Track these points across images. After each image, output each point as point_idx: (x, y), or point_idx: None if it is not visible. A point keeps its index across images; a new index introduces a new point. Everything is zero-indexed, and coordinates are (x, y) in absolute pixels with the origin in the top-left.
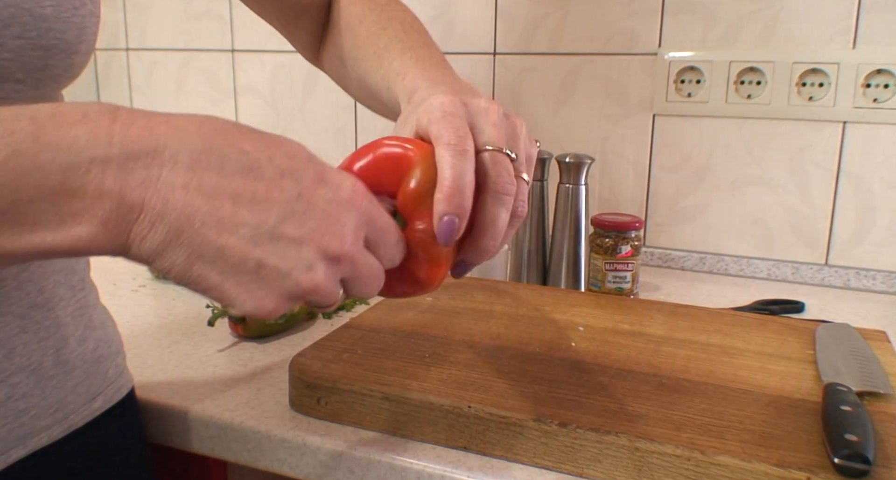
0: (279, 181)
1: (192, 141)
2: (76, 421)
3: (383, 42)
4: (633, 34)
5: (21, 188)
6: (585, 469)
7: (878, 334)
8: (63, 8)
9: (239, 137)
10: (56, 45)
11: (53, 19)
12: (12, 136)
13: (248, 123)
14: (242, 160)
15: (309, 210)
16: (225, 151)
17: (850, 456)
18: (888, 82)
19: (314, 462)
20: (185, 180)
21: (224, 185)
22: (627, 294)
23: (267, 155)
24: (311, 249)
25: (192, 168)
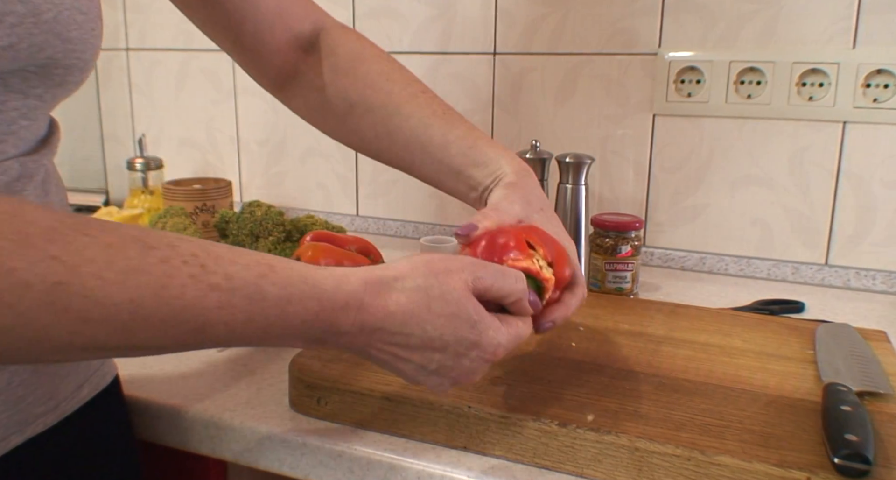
0: (443, 349)
1: (397, 322)
2: (67, 409)
3: (439, 107)
4: (633, 34)
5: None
6: (585, 469)
7: (878, 334)
8: (83, 30)
9: (427, 317)
10: (75, 63)
11: (77, 41)
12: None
13: (248, 123)
14: (423, 337)
15: (456, 366)
16: (412, 330)
17: (850, 456)
18: (888, 82)
19: (314, 462)
20: (386, 344)
21: (404, 351)
22: (627, 294)
23: (440, 333)
24: (449, 382)
25: (393, 338)
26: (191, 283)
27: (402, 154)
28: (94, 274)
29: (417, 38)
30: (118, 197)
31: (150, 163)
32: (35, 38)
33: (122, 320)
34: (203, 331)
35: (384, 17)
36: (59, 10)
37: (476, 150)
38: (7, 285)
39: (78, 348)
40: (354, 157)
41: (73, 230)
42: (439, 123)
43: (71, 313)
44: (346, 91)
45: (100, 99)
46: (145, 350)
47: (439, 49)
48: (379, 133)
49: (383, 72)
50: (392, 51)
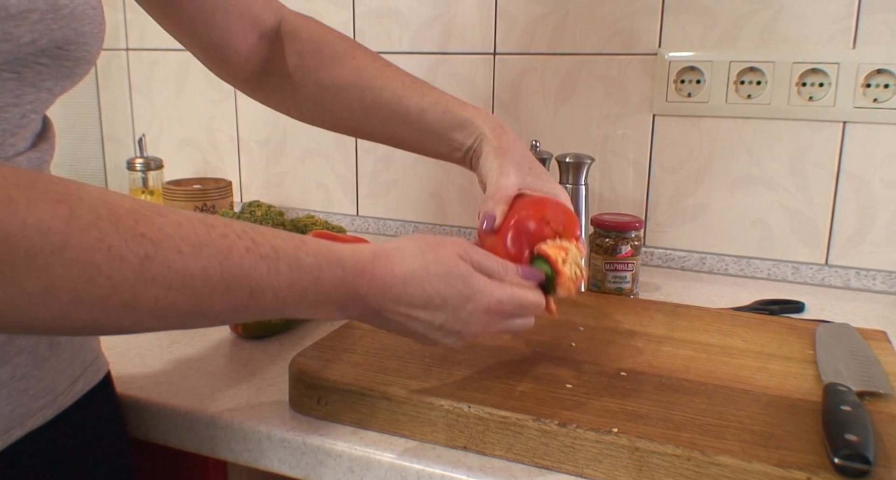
0: (443, 306)
1: (401, 284)
2: (64, 403)
3: (406, 77)
4: (633, 34)
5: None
6: (585, 469)
7: (878, 334)
8: (94, 24)
9: (425, 277)
10: (84, 56)
11: (88, 35)
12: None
13: (248, 123)
14: (423, 295)
15: (457, 319)
16: (415, 291)
17: (850, 456)
18: (888, 82)
19: (314, 462)
20: (395, 304)
21: (412, 310)
22: (627, 294)
23: (437, 289)
24: (457, 336)
25: (400, 299)
26: (246, 253)
27: (381, 127)
28: (174, 248)
29: (417, 38)
30: None
31: (150, 163)
32: (55, 34)
33: (194, 286)
34: (255, 296)
35: (384, 17)
36: (74, 5)
37: (450, 114)
38: (106, 259)
39: (158, 316)
40: (354, 157)
41: (151, 212)
42: (411, 92)
43: (157, 281)
44: (315, 73)
45: (100, 99)
46: (207, 316)
47: (439, 49)
48: (355, 111)
49: (347, 51)
50: (392, 51)
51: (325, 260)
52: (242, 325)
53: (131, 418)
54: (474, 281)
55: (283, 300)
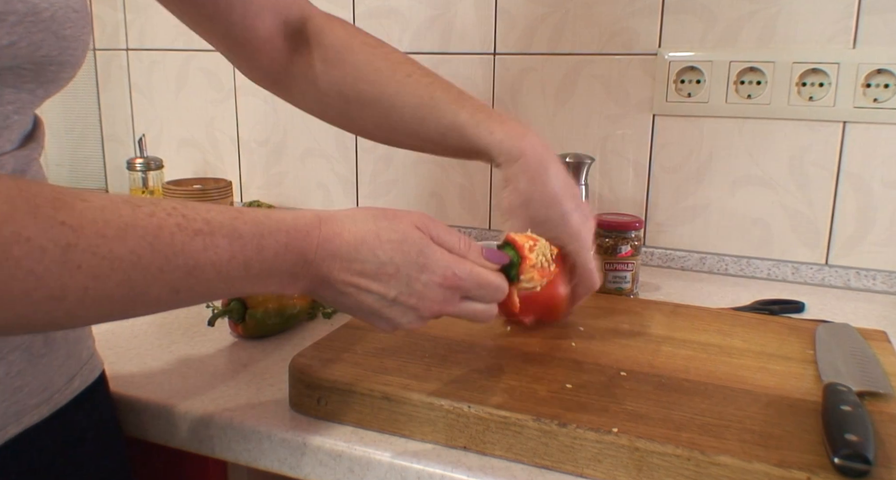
0: (395, 275)
1: (351, 248)
2: (60, 400)
3: (426, 91)
4: (633, 34)
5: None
6: (585, 469)
7: (878, 334)
8: (77, 28)
9: (377, 243)
10: (69, 60)
11: (71, 39)
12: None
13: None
14: (375, 262)
15: (412, 291)
16: (366, 256)
17: (850, 456)
18: (888, 82)
19: (314, 462)
20: (346, 272)
21: (363, 279)
22: (627, 294)
23: (390, 256)
24: (413, 312)
25: (350, 266)
26: (178, 231)
27: (410, 142)
28: (98, 233)
29: (417, 38)
30: None
31: (150, 163)
32: (34, 37)
33: (125, 271)
34: (194, 274)
35: (384, 17)
36: (55, 9)
37: (466, 140)
38: (26, 253)
39: (90, 306)
40: (354, 157)
41: (72, 198)
42: (430, 114)
43: (83, 270)
44: (339, 84)
45: (100, 99)
46: (146, 302)
47: (439, 49)
48: (380, 125)
49: (370, 62)
50: None
51: (266, 227)
52: (242, 325)
53: (131, 418)
54: (430, 251)
55: (227, 275)
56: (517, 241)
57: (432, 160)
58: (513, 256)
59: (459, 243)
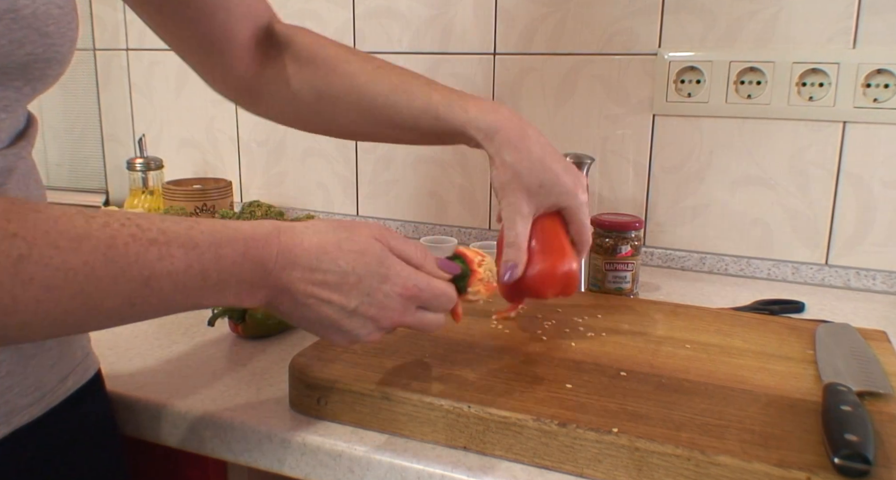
0: (357, 285)
1: (312, 257)
2: (52, 400)
3: (397, 78)
4: (633, 34)
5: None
6: (585, 469)
7: (878, 334)
8: (60, 24)
9: (338, 254)
10: (54, 57)
11: (55, 35)
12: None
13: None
14: (337, 272)
15: (373, 302)
16: (328, 266)
17: (850, 456)
18: (888, 82)
19: (314, 462)
20: (307, 282)
21: (324, 290)
22: (627, 294)
23: (352, 267)
24: (372, 323)
25: (312, 276)
26: (132, 241)
27: (384, 131)
28: (51, 244)
29: (417, 38)
30: (118, 197)
31: (150, 163)
32: (15, 34)
33: (78, 282)
34: (149, 285)
35: (384, 17)
36: (36, 6)
37: (441, 121)
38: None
39: (43, 318)
40: (354, 157)
41: (25, 209)
42: (402, 98)
43: (35, 281)
44: (311, 80)
45: (100, 99)
46: (102, 314)
47: (439, 49)
48: (354, 118)
49: (340, 55)
50: (392, 51)
51: (223, 236)
52: (242, 325)
53: (131, 418)
54: (391, 262)
55: (184, 286)
56: (467, 255)
57: (432, 160)
58: (464, 268)
59: (416, 253)
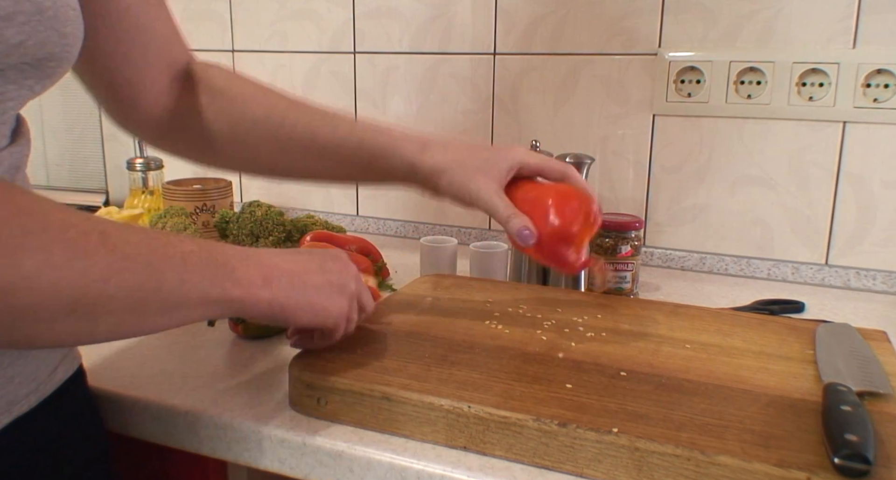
0: (311, 252)
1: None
2: (46, 390)
3: (318, 110)
4: (633, 34)
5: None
6: (585, 469)
7: (878, 334)
8: (75, 25)
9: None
10: (66, 57)
11: (71, 36)
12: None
13: None
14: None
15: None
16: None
17: (850, 456)
18: (888, 82)
19: (314, 462)
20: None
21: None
22: (627, 294)
23: (305, 251)
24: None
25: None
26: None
27: (302, 163)
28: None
29: (417, 38)
30: (118, 197)
31: (150, 163)
32: (41, 35)
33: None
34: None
35: (384, 17)
36: (57, 8)
37: (366, 144)
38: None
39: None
40: None
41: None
42: (323, 125)
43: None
44: (227, 109)
45: None
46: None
47: (439, 49)
48: (271, 147)
49: (258, 87)
50: (392, 51)
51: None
52: (242, 325)
53: (131, 418)
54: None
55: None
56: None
57: None
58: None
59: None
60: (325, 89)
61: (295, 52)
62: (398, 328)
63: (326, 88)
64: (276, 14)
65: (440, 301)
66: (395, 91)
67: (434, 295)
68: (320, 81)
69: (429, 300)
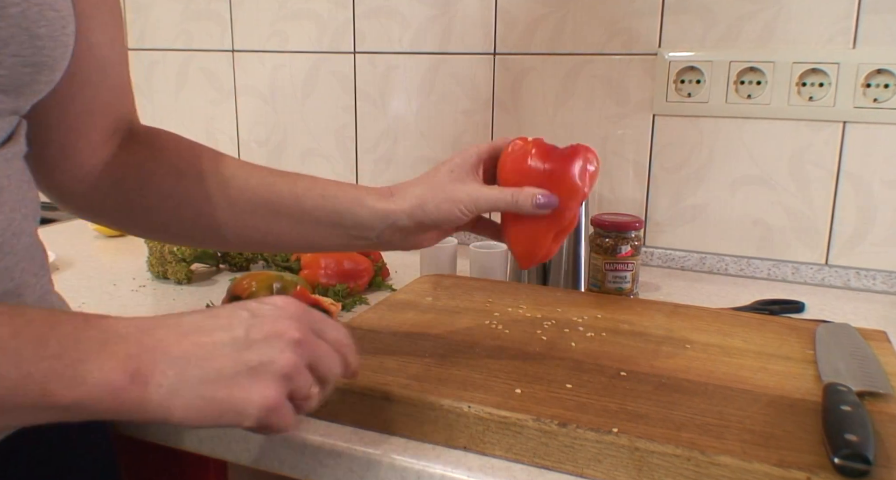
0: (235, 313)
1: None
2: None
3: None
4: (633, 34)
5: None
6: (585, 469)
7: (878, 334)
8: (54, 27)
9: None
10: (45, 62)
11: (46, 38)
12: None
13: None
14: (204, 316)
15: (262, 319)
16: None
17: (850, 456)
18: (888, 82)
19: (314, 462)
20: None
21: (201, 335)
22: (627, 294)
23: (216, 311)
24: (277, 340)
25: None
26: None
27: (251, 222)
28: None
29: (417, 38)
30: None
31: None
32: (1, 33)
33: None
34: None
35: (384, 17)
36: (27, 6)
37: (330, 197)
38: None
39: None
40: (354, 157)
41: None
42: (280, 179)
43: None
44: (171, 162)
45: None
46: None
47: (439, 49)
48: (218, 203)
49: (208, 148)
50: (392, 51)
51: (61, 315)
52: None
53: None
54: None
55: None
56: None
57: (433, 160)
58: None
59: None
60: (325, 89)
61: (295, 52)
62: (398, 328)
63: (326, 88)
64: (276, 14)
65: (440, 301)
66: (395, 91)
67: (434, 295)
68: (320, 81)
69: (429, 299)
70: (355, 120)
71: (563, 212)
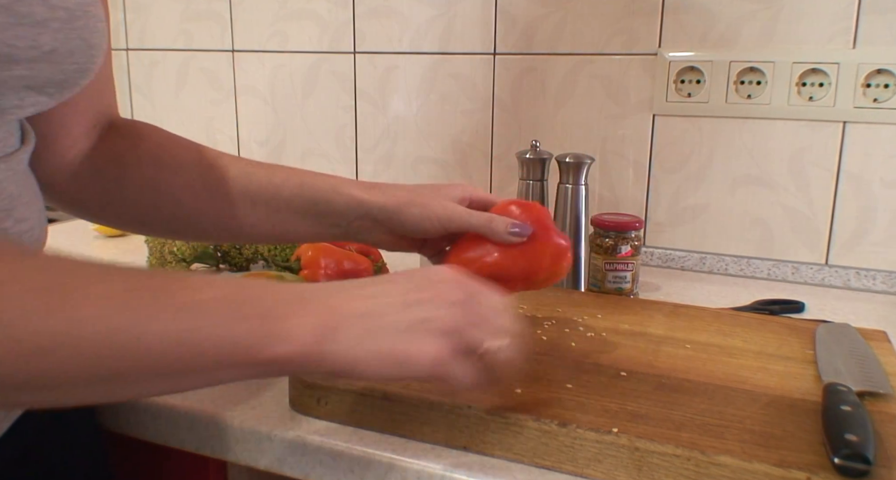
0: (402, 279)
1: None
2: None
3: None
4: (633, 34)
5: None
6: (585, 469)
7: (878, 334)
8: (102, 37)
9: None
10: (91, 68)
11: (97, 47)
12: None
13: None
14: (365, 281)
15: (427, 282)
16: (352, 284)
17: (850, 456)
18: (888, 82)
19: (314, 462)
20: (345, 299)
21: (365, 297)
22: (627, 294)
23: (394, 277)
24: (441, 300)
25: (345, 292)
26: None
27: (229, 211)
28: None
29: (417, 38)
30: None
31: None
32: (71, 44)
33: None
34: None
35: (384, 17)
36: (87, 18)
37: (308, 186)
38: None
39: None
40: (354, 157)
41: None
42: (260, 170)
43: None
44: (151, 152)
45: None
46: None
47: (439, 49)
48: (198, 192)
49: (187, 140)
50: (392, 51)
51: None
52: None
53: (131, 418)
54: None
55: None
56: None
57: (433, 161)
58: None
59: None
60: (325, 89)
61: (295, 52)
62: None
63: (326, 88)
64: (276, 14)
65: None
66: (395, 91)
67: None
68: (320, 81)
69: None
70: (355, 120)
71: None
